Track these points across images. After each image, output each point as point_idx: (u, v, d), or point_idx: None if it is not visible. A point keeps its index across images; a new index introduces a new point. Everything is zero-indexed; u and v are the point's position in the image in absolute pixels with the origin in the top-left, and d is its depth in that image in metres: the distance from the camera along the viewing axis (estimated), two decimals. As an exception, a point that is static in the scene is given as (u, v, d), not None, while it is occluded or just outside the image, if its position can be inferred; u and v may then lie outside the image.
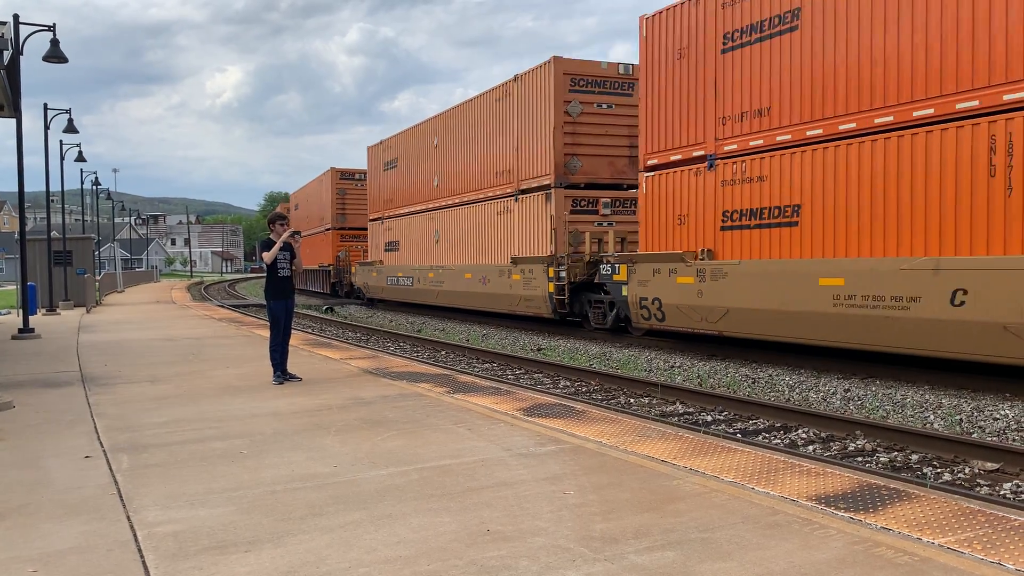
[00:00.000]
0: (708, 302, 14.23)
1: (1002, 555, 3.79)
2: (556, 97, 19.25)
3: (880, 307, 11.33)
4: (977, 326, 10.13)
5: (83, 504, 4.91)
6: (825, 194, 12.29)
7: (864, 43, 11.73)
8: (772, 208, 13.28)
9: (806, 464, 5.57)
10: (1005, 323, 9.81)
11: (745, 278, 13.54)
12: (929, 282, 10.71)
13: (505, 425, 6.97)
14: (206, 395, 8.87)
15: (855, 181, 11.85)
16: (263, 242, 9.85)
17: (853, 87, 11.86)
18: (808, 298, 12.33)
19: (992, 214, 10.19)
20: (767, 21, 13.35)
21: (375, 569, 3.77)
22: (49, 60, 18.19)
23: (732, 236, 14.02)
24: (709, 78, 14.50)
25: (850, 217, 11.93)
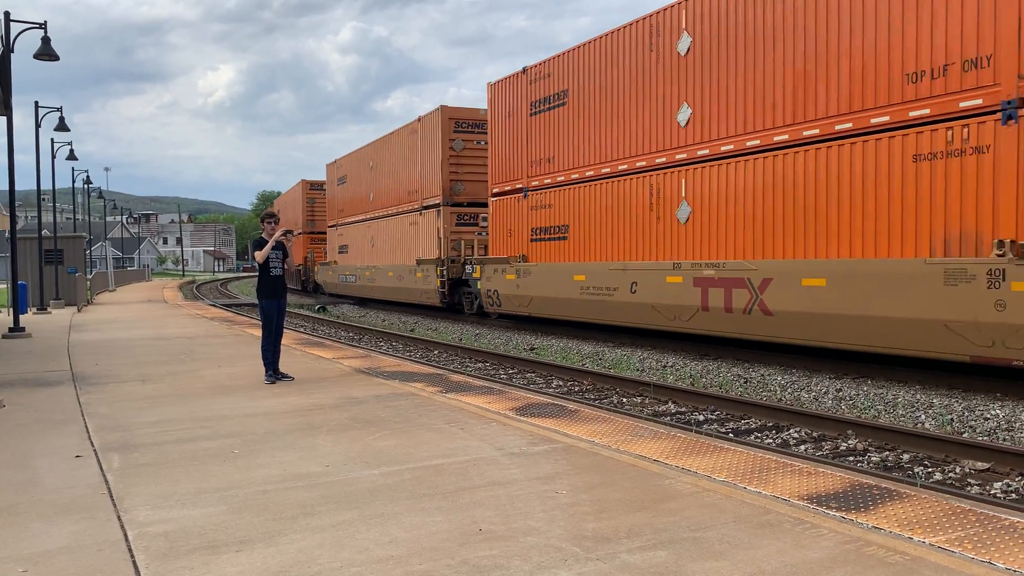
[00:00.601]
0: (522, 292, 20.42)
1: (992, 554, 3.81)
2: (444, 136, 25.20)
3: (600, 294, 17.25)
4: (642, 306, 16.07)
5: (73, 504, 4.88)
6: (580, 219, 18.33)
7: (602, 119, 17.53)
8: (553, 227, 19.46)
9: (798, 464, 5.59)
10: (653, 303, 15.73)
11: (540, 275, 19.72)
12: (621, 277, 16.61)
13: (498, 424, 6.96)
14: (198, 394, 8.84)
15: (592, 211, 17.89)
16: (255, 241, 9.82)
17: (593, 146, 17.83)
18: (570, 288, 18.35)
19: (649, 234, 16.08)
20: (551, 96, 19.34)
21: (367, 569, 3.76)
22: (40, 58, 18.12)
23: (537, 246, 20.12)
24: (523, 133, 20.51)
25: (590, 234, 17.99)
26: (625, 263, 16.46)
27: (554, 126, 19.08)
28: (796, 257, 12.82)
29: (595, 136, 17.61)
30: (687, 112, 14.94)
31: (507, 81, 21.09)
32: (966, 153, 10.55)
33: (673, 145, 15.36)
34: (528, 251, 20.31)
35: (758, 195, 13.58)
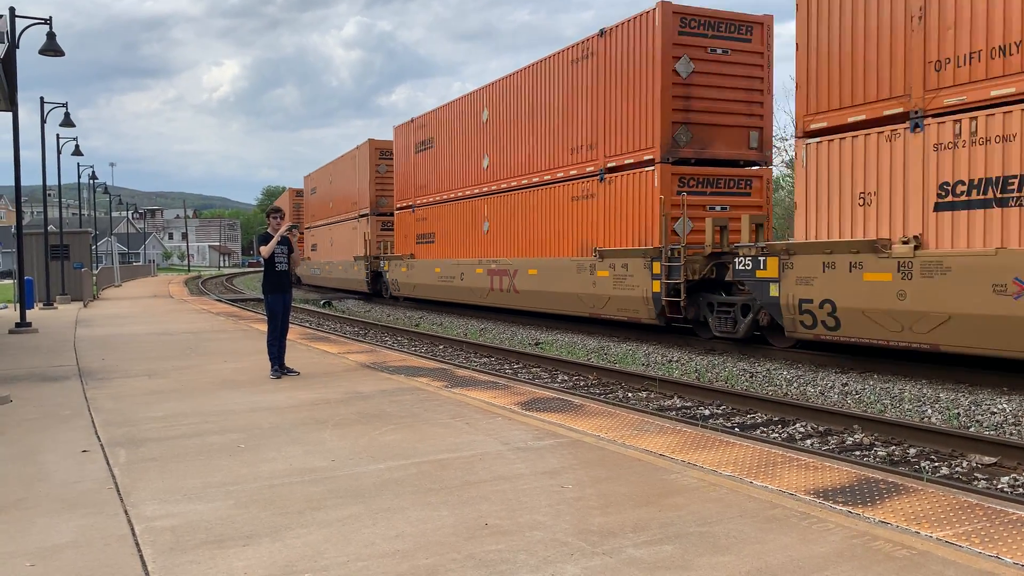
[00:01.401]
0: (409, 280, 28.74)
1: (1000, 549, 3.80)
2: (371, 162, 32.75)
3: (447, 281, 24.76)
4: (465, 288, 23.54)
5: (80, 498, 4.90)
6: (452, 228, 25.03)
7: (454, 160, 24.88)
8: (427, 233, 26.88)
9: (804, 458, 5.58)
10: (469, 287, 23.15)
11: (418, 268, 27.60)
12: (455, 269, 24.03)
13: (503, 419, 6.97)
14: (204, 389, 8.86)
15: (460, 222, 24.40)
16: (260, 236, 9.83)
17: (457, 178, 24.61)
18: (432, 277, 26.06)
19: (469, 240, 23.81)
20: (425, 140, 26.96)
21: (373, 563, 3.76)
22: (46, 54, 18.13)
23: (419, 246, 27.73)
24: (412, 165, 28.15)
25: (443, 239, 25.53)
26: (458, 260, 24.04)
27: (428, 162, 26.71)
28: (527, 256, 20.37)
29: (446, 171, 25.38)
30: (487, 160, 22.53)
31: (404, 126, 28.72)
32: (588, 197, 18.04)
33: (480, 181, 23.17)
34: (415, 250, 27.89)
35: (516, 216, 21.04)
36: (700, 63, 15.73)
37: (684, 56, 15.54)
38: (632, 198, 16.64)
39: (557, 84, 19.36)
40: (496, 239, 22.35)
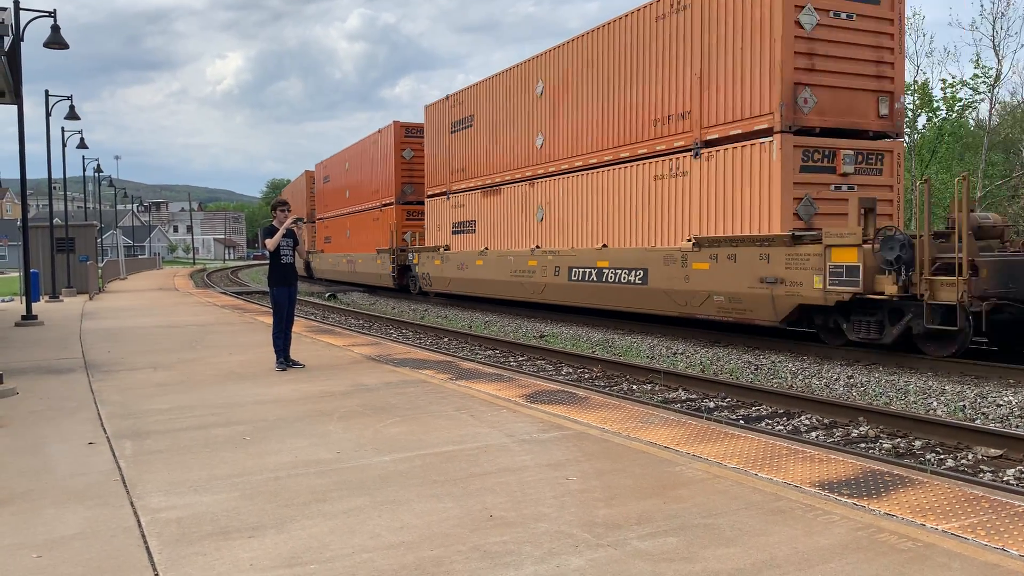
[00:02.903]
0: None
1: (1006, 541, 3.79)
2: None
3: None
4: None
5: (87, 490, 4.91)
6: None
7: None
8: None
9: (809, 450, 5.57)
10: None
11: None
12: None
13: (508, 411, 6.97)
14: (209, 382, 8.88)
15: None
16: (266, 229, 9.84)
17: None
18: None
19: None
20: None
21: (378, 554, 3.77)
22: (50, 46, 18.14)
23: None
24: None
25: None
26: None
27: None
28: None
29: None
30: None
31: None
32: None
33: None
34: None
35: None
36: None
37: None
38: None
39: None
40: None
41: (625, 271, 16.78)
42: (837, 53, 13.70)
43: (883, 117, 14.28)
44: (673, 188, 15.67)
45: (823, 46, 13.57)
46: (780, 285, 13.13)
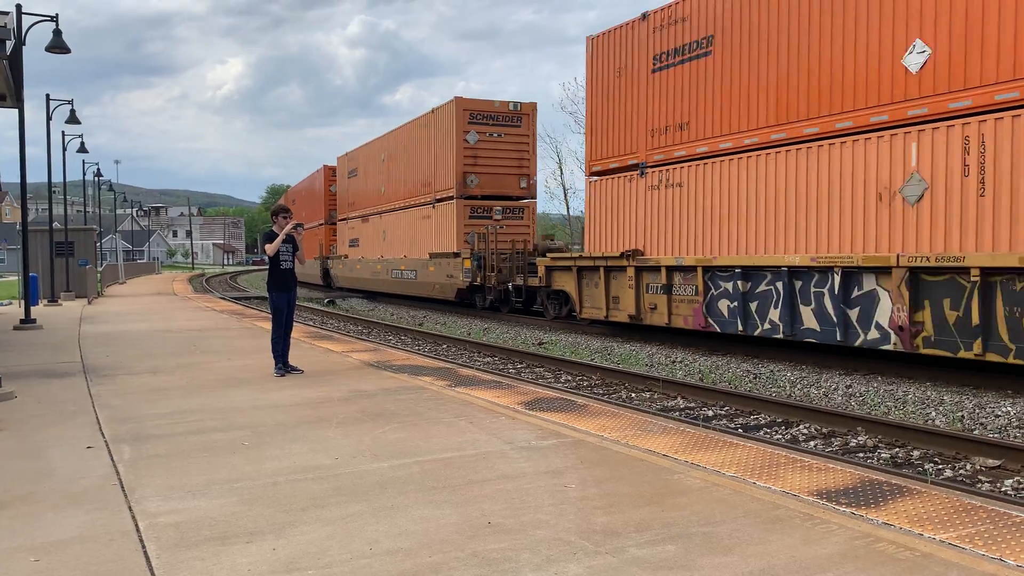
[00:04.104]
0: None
1: (1003, 551, 3.79)
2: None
3: None
4: None
5: (85, 494, 4.91)
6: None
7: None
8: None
9: (808, 459, 5.57)
10: None
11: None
12: None
13: (506, 419, 6.97)
14: (208, 386, 8.87)
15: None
16: (265, 234, 9.85)
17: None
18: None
19: None
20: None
21: (376, 561, 3.77)
22: (52, 51, 18.18)
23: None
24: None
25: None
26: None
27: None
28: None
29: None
30: None
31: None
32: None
33: None
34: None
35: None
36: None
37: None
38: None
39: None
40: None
41: (410, 271, 28.64)
42: (491, 154, 25.21)
43: (523, 188, 25.95)
44: (425, 226, 27.41)
45: (482, 151, 25.10)
46: (453, 278, 24.89)
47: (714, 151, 14.75)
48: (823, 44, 12.68)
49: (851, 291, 12.20)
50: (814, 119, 12.84)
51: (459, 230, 24.87)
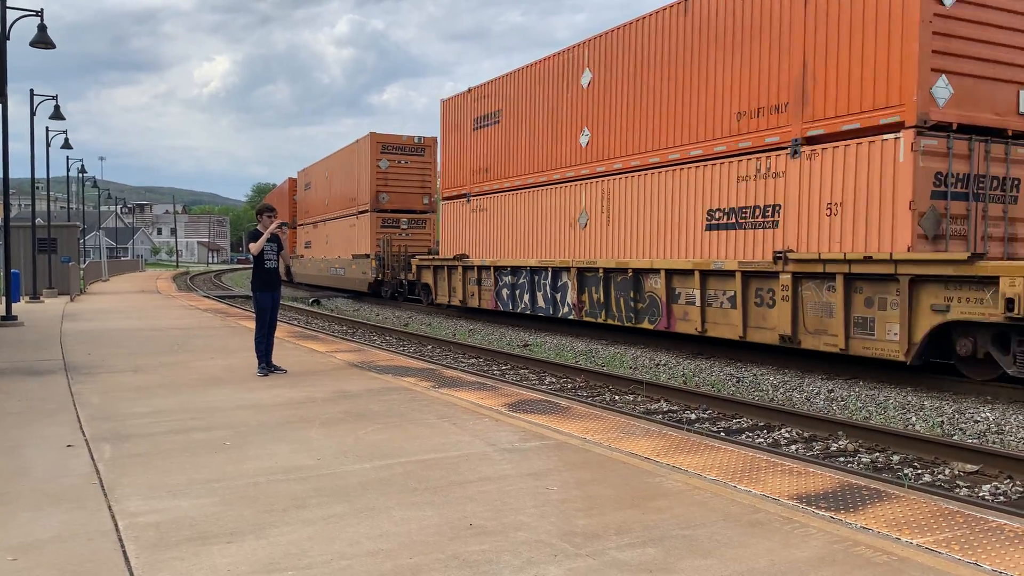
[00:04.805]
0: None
1: (979, 556, 3.83)
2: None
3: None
4: None
5: (64, 493, 4.88)
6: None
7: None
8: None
9: (788, 463, 5.61)
10: None
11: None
12: None
13: (490, 420, 6.98)
14: (190, 386, 8.83)
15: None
16: (250, 233, 9.82)
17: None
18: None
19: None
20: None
21: (357, 562, 3.77)
22: (36, 46, 18.05)
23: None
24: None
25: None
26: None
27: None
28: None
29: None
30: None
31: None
32: None
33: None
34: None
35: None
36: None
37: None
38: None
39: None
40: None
41: (341, 268, 34.91)
42: (399, 178, 31.32)
43: (425, 204, 31.57)
44: (351, 232, 33.35)
45: (392, 176, 31.22)
46: (366, 274, 31.19)
47: (501, 188, 21.64)
48: (546, 127, 19.68)
49: (557, 282, 19.02)
50: (547, 171, 19.69)
51: (372, 237, 31.08)
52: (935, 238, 11.39)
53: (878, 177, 11.54)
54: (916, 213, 11.17)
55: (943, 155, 11.36)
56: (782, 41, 13.03)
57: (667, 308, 15.24)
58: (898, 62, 11.28)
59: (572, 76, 18.52)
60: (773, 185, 13.21)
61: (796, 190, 12.78)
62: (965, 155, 11.57)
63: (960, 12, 11.34)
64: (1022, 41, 11.87)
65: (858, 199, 11.83)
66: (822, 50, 12.37)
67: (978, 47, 11.52)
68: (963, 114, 11.47)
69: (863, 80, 11.77)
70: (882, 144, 11.49)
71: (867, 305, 11.59)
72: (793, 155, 12.79)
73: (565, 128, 18.71)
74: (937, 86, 11.29)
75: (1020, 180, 12.13)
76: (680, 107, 15.20)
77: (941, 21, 11.18)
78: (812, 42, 12.51)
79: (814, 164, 12.49)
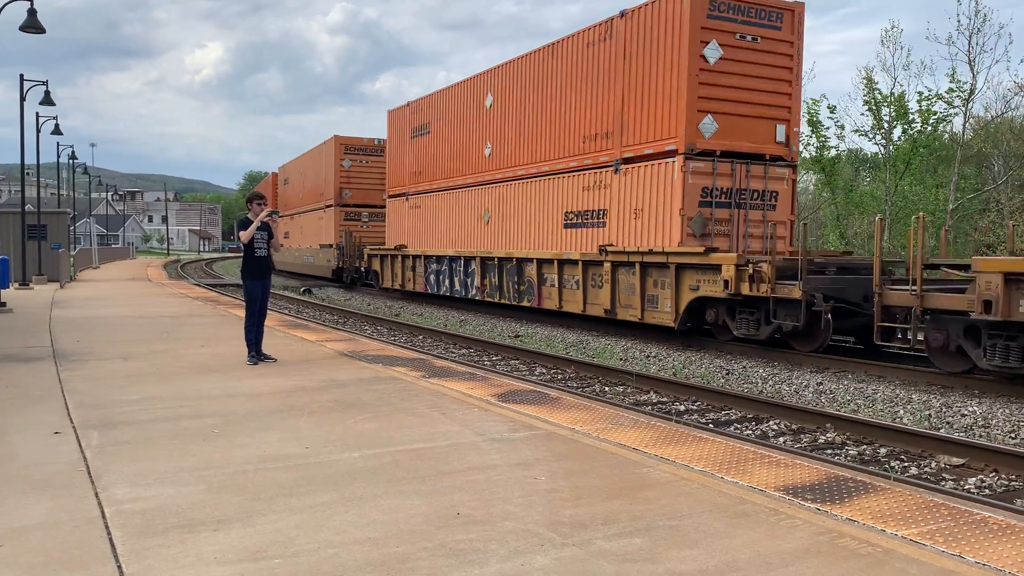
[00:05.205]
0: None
1: (963, 548, 3.86)
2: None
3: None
4: None
5: (51, 480, 4.87)
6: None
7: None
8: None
9: (776, 455, 5.63)
10: None
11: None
12: None
13: (479, 410, 6.98)
14: (179, 374, 8.81)
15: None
16: (240, 221, 9.77)
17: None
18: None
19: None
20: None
21: (344, 550, 3.77)
22: (26, 30, 17.91)
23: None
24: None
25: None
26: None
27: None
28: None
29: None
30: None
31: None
32: None
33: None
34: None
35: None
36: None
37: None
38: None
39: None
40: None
41: (311, 257, 38.49)
42: (361, 176, 35.02)
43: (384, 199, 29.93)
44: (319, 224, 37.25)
45: (355, 174, 35.06)
46: (330, 262, 34.52)
47: (430, 189, 25.39)
48: (463, 139, 23.35)
49: (468, 269, 22.67)
50: (463, 176, 23.31)
51: (336, 228, 34.71)
52: (703, 236, 14.95)
53: (663, 190, 15.34)
54: (685, 218, 14.87)
55: (709, 174, 14.98)
56: (609, 85, 16.86)
57: (538, 289, 19.25)
58: (675, 104, 14.97)
59: (480, 98, 22.31)
60: (604, 194, 17.14)
61: (617, 199, 16.70)
62: (729, 174, 15.14)
63: (722, 67, 14.85)
64: (779, 88, 15.52)
65: (651, 206, 15.67)
66: (632, 94, 16.15)
67: (740, 93, 15.07)
68: (726, 143, 15.00)
69: (657, 116, 15.48)
70: (666, 165, 15.21)
71: (655, 286, 15.55)
72: (615, 171, 16.70)
73: (475, 141, 22.59)
74: (704, 122, 14.90)
75: (778, 192, 15.78)
76: (548, 130, 19.11)
77: (706, 75, 14.78)
78: (627, 87, 16.30)
79: (627, 179, 16.36)
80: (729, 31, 14.76)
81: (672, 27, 14.94)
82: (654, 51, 15.42)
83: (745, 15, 14.93)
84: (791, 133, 15.76)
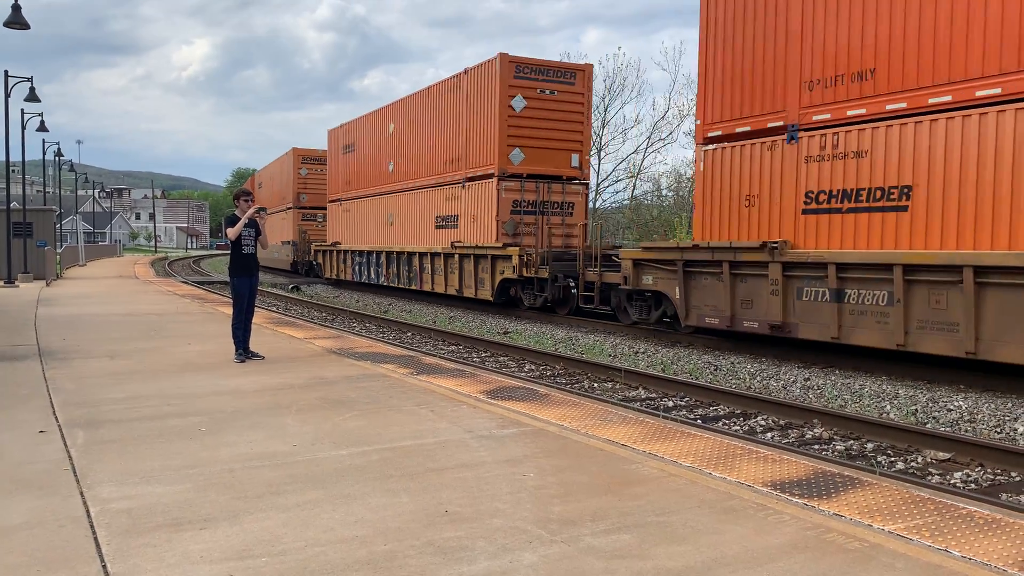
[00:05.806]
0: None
1: (949, 542, 3.88)
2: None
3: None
4: None
5: (35, 479, 4.83)
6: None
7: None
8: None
9: (763, 451, 5.65)
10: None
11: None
12: None
13: (468, 407, 6.97)
14: (166, 372, 8.76)
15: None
16: (228, 218, 9.72)
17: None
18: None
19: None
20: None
21: (331, 548, 3.76)
22: (11, 26, 17.77)
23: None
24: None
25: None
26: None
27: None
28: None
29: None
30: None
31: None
32: None
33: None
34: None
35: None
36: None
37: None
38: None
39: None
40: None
41: (277, 252, 42.91)
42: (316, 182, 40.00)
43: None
44: (283, 223, 41.55)
45: (311, 180, 40.49)
46: (289, 257, 40.97)
47: (355, 196, 30.66)
48: (376, 157, 28.61)
49: (378, 261, 28.19)
50: (375, 186, 28.68)
51: (294, 227, 40.16)
52: (515, 235, 20.34)
53: (487, 202, 20.84)
54: (500, 223, 20.32)
55: (518, 191, 20.47)
56: (459, 123, 22.40)
57: (420, 276, 24.74)
58: (493, 140, 20.50)
59: (385, 125, 27.80)
60: (456, 204, 22.65)
61: (463, 207, 22.17)
62: (534, 191, 20.66)
63: (527, 113, 20.41)
64: (573, 127, 21.08)
65: (482, 214, 21.17)
66: (471, 131, 21.67)
67: (542, 131, 20.63)
68: (531, 168, 20.61)
69: (484, 148, 21.01)
70: (488, 184, 20.74)
71: (482, 271, 21.11)
72: (463, 187, 22.20)
73: (383, 159, 27.99)
74: (512, 153, 20.44)
75: (573, 203, 21.35)
76: (426, 152, 24.58)
77: (514, 119, 20.35)
78: (468, 125, 21.86)
79: (469, 193, 21.90)
80: (531, 87, 20.34)
81: (491, 84, 20.44)
82: (483, 101, 20.99)
83: (545, 75, 20.59)
84: (583, 160, 21.33)
